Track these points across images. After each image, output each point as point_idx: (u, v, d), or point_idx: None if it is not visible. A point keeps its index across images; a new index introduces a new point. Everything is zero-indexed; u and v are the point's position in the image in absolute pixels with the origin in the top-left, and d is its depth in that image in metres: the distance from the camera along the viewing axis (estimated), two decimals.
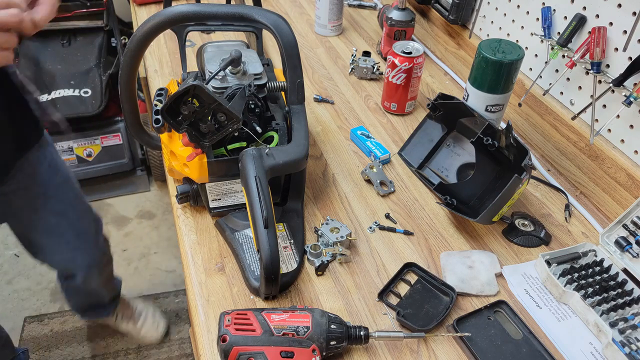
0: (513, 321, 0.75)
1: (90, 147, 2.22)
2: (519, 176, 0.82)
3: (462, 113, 0.98)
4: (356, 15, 1.59)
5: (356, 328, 0.69)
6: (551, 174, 1.04)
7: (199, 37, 1.42)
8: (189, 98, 0.75)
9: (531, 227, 0.90)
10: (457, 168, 1.00)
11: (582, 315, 0.77)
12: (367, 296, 0.79)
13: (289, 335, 0.65)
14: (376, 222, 0.91)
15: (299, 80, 0.86)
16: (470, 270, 0.82)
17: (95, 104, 2.14)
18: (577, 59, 0.93)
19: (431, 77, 1.31)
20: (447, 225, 0.92)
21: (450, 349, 0.73)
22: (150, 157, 2.31)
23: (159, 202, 2.38)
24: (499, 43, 0.96)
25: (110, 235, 2.24)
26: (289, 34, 0.84)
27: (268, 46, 1.34)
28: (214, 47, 0.95)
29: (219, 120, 0.77)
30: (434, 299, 0.79)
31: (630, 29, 0.84)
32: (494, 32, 1.20)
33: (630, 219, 0.83)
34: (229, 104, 0.75)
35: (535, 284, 0.82)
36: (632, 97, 0.84)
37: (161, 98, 0.86)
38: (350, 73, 1.32)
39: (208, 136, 0.78)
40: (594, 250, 0.85)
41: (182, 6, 0.83)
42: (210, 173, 0.82)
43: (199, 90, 0.73)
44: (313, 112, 1.18)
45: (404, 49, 1.12)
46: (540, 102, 1.06)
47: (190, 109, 0.75)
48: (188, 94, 0.74)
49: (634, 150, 0.89)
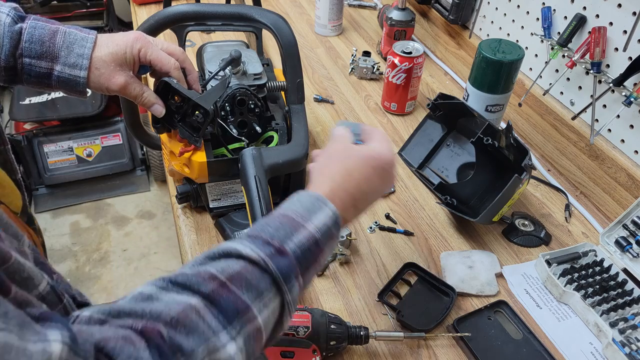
0: (513, 321, 0.75)
1: (90, 147, 2.22)
2: (519, 176, 0.82)
3: (462, 113, 0.98)
4: (356, 15, 1.59)
5: (356, 328, 0.69)
6: (551, 174, 1.04)
7: (199, 37, 1.42)
8: (170, 95, 0.76)
9: (531, 227, 0.90)
10: (457, 168, 1.00)
11: (582, 315, 0.77)
12: (367, 296, 0.79)
13: (289, 335, 0.65)
14: (376, 222, 0.91)
15: (299, 80, 0.86)
16: (470, 270, 0.82)
17: (95, 104, 2.14)
18: (577, 59, 0.93)
19: (431, 77, 1.31)
20: (447, 225, 0.92)
21: (450, 349, 0.73)
22: (150, 157, 2.30)
23: (159, 202, 2.38)
24: (499, 43, 0.96)
25: (110, 235, 2.24)
26: (289, 34, 0.84)
27: (268, 46, 1.34)
28: (214, 47, 0.95)
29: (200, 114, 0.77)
30: (434, 299, 0.78)
31: (630, 29, 0.84)
32: (494, 32, 1.20)
33: (630, 219, 0.83)
34: (197, 97, 0.75)
35: (535, 284, 0.82)
36: (632, 97, 0.84)
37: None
38: (350, 73, 1.32)
39: (199, 132, 0.78)
40: (594, 250, 0.85)
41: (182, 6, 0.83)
42: (210, 173, 0.82)
43: (167, 86, 0.74)
44: (313, 112, 1.18)
45: (404, 49, 1.12)
46: (541, 102, 1.06)
47: (173, 106, 0.76)
48: (162, 91, 0.75)
49: (634, 150, 0.89)
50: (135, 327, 0.37)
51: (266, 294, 0.45)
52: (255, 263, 0.45)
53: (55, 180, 2.23)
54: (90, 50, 0.69)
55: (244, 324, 0.42)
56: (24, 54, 0.67)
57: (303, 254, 0.47)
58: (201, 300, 0.41)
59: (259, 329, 0.44)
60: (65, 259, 2.12)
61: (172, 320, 0.39)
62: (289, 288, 0.46)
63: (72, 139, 2.18)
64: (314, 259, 0.49)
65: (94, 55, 0.69)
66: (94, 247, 2.19)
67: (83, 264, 2.12)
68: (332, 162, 0.56)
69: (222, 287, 0.42)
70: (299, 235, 0.48)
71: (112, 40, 0.71)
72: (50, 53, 0.68)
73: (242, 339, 0.42)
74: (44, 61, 0.68)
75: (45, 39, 0.67)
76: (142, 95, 0.73)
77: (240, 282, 0.43)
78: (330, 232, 0.51)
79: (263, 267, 0.45)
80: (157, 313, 0.39)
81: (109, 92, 0.72)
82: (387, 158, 0.58)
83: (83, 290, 0.54)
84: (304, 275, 0.48)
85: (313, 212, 0.50)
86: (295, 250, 0.47)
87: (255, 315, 0.43)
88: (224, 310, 0.42)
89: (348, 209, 0.55)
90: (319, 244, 0.49)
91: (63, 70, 0.68)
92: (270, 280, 0.45)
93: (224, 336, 0.41)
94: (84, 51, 0.68)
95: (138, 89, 0.73)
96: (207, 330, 0.40)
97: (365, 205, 0.58)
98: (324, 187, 0.54)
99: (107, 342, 0.35)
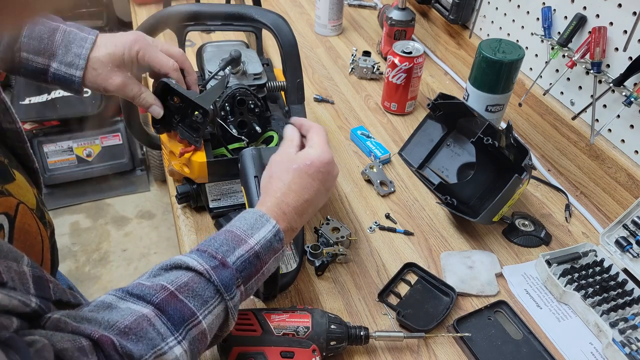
0: (513, 321, 0.75)
1: (90, 147, 2.22)
2: (519, 176, 0.82)
3: (462, 113, 0.98)
4: (356, 15, 1.59)
5: (356, 328, 0.69)
6: (551, 174, 1.03)
7: (198, 37, 1.42)
8: (169, 96, 0.75)
9: (531, 227, 0.90)
10: (457, 168, 1.00)
11: (583, 315, 0.77)
12: (367, 296, 0.79)
13: (289, 336, 0.65)
14: (376, 222, 0.91)
15: (299, 80, 0.86)
16: (470, 271, 0.82)
17: (95, 104, 2.14)
18: (578, 59, 0.93)
19: (431, 77, 1.31)
20: (447, 225, 0.92)
21: (450, 349, 0.73)
22: (150, 157, 2.30)
23: (159, 202, 2.38)
24: (499, 43, 0.96)
25: (110, 235, 2.24)
26: (289, 34, 0.84)
27: (268, 46, 1.34)
28: (214, 47, 0.95)
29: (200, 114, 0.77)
30: (434, 299, 0.78)
31: (630, 28, 0.84)
32: (494, 32, 1.20)
33: (631, 219, 0.82)
34: (196, 96, 0.75)
35: (535, 284, 0.82)
36: (632, 97, 0.83)
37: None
38: (350, 73, 1.31)
39: (199, 132, 0.78)
40: (594, 250, 0.85)
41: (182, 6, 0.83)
42: (210, 173, 0.82)
43: (166, 87, 0.74)
44: (313, 112, 1.18)
45: (404, 48, 1.12)
46: (541, 102, 1.06)
47: (172, 107, 0.76)
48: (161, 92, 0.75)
49: (634, 150, 0.89)
50: (93, 336, 0.43)
51: (210, 301, 0.52)
52: (201, 274, 0.52)
53: (55, 180, 2.23)
54: (88, 50, 0.69)
55: (189, 329, 0.49)
56: (22, 48, 0.67)
57: (243, 265, 0.54)
58: (152, 310, 0.48)
59: (203, 332, 0.51)
60: (65, 259, 2.12)
61: (125, 328, 0.45)
62: (231, 296, 0.53)
63: (72, 139, 2.18)
64: (255, 269, 0.56)
65: (92, 56, 0.69)
66: (94, 247, 2.19)
67: (83, 264, 2.12)
68: (273, 179, 0.63)
69: (171, 297, 0.49)
70: (240, 249, 0.55)
71: (111, 41, 0.71)
72: (48, 50, 0.68)
73: (187, 342, 0.49)
74: (41, 57, 0.68)
75: (45, 36, 0.68)
76: (139, 96, 0.73)
77: (187, 291, 0.50)
78: (272, 245, 0.57)
79: (207, 278, 0.52)
80: (113, 322, 0.45)
81: (106, 93, 0.72)
82: (323, 160, 0.64)
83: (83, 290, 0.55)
84: (245, 283, 0.55)
85: (256, 229, 0.57)
86: (236, 262, 0.54)
87: (200, 320, 0.50)
88: (172, 317, 0.48)
89: (293, 219, 0.61)
90: (259, 256, 0.56)
91: (59, 68, 0.69)
92: (214, 289, 0.52)
93: (172, 340, 0.47)
94: (81, 51, 0.69)
95: (136, 89, 0.73)
96: (157, 337, 0.46)
97: (312, 210, 0.64)
98: (268, 204, 0.61)
99: (65, 354, 0.40)
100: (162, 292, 0.49)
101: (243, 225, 0.58)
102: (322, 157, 0.64)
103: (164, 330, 0.47)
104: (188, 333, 0.49)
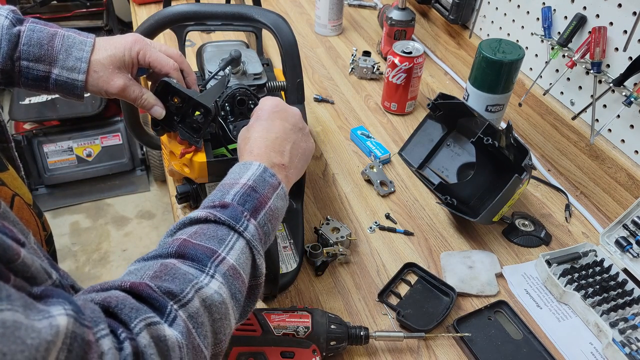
0: (513, 321, 0.75)
1: (90, 147, 2.22)
2: (519, 176, 0.82)
3: (462, 113, 0.98)
4: (356, 15, 1.59)
5: (356, 328, 0.69)
6: (551, 174, 1.03)
7: (198, 37, 1.42)
8: (169, 96, 0.75)
9: (531, 227, 0.90)
10: (457, 168, 1.00)
11: (583, 315, 0.77)
12: (367, 296, 0.79)
13: (289, 336, 0.65)
14: (376, 222, 0.91)
15: (299, 80, 0.86)
16: (470, 271, 0.82)
17: (95, 104, 2.14)
18: (578, 59, 0.93)
19: (431, 77, 1.31)
20: (447, 225, 0.92)
21: (450, 349, 0.73)
22: (150, 157, 2.30)
23: (159, 202, 2.38)
24: (499, 43, 0.96)
25: (110, 235, 2.24)
26: (289, 34, 0.84)
27: (268, 46, 1.34)
28: (214, 47, 0.95)
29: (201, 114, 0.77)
30: (434, 299, 0.78)
31: (630, 28, 0.84)
32: (494, 32, 1.20)
33: (631, 219, 0.82)
34: (198, 95, 0.75)
35: (535, 284, 0.82)
36: (632, 97, 0.83)
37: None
38: (350, 73, 1.31)
39: (200, 132, 0.78)
40: (594, 250, 0.85)
41: (182, 6, 0.83)
42: (210, 173, 0.82)
43: (167, 87, 0.73)
44: (313, 112, 1.18)
45: (404, 48, 1.12)
46: (541, 102, 1.06)
47: (172, 107, 0.75)
48: (161, 92, 0.75)
49: (634, 150, 0.89)
50: (124, 285, 0.42)
51: (227, 238, 0.51)
52: (207, 220, 0.53)
53: (55, 180, 2.23)
54: (89, 53, 0.69)
55: (217, 265, 0.49)
56: (21, 57, 0.66)
57: (242, 198, 0.55)
58: (173, 259, 0.48)
59: (233, 268, 0.50)
60: (65, 259, 2.12)
61: (154, 274, 0.45)
62: (243, 227, 0.53)
63: (72, 139, 2.18)
64: (258, 202, 0.56)
65: (93, 59, 0.69)
66: (94, 247, 2.19)
67: (83, 264, 2.12)
68: (241, 144, 0.66)
69: (186, 242, 0.49)
70: (234, 189, 0.56)
71: (111, 43, 0.70)
72: (49, 56, 0.67)
73: (220, 275, 0.48)
74: (41, 64, 0.68)
75: (44, 42, 0.67)
76: (141, 97, 0.73)
77: (200, 236, 0.50)
78: (265, 179, 0.59)
79: (214, 220, 0.52)
80: (141, 274, 0.45)
81: (108, 96, 0.72)
82: (269, 103, 0.67)
83: None
84: (254, 216, 0.55)
85: (243, 173, 0.59)
86: (234, 198, 0.55)
87: (224, 256, 0.50)
88: (195, 257, 0.48)
89: (273, 156, 0.62)
90: (255, 189, 0.57)
91: (61, 74, 0.68)
92: (225, 228, 0.52)
93: (203, 277, 0.47)
94: (82, 55, 0.68)
95: (137, 91, 0.73)
96: (189, 274, 0.46)
97: (292, 146, 0.65)
98: (244, 158, 0.63)
99: (109, 302, 0.40)
100: (176, 242, 0.49)
101: (229, 176, 0.60)
102: (267, 102, 0.67)
103: (193, 270, 0.47)
104: (217, 269, 0.48)
